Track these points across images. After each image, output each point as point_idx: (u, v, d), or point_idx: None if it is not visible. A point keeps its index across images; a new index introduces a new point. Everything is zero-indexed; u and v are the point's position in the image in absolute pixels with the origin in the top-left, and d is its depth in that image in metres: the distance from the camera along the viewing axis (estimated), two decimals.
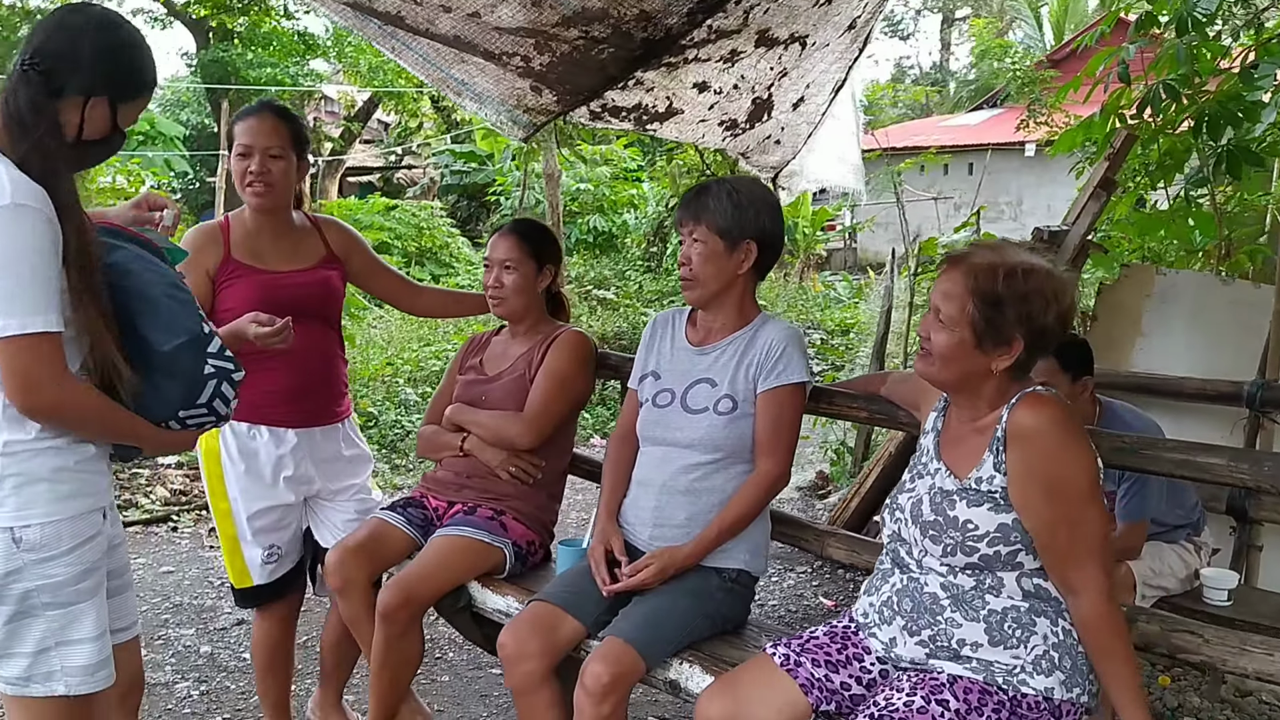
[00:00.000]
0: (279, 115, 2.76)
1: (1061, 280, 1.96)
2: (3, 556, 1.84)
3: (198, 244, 2.73)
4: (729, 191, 2.45)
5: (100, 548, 1.96)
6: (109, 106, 1.94)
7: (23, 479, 1.86)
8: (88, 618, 1.92)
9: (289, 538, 2.88)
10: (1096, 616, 1.89)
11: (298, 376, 2.76)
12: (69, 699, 1.92)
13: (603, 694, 2.17)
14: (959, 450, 2.06)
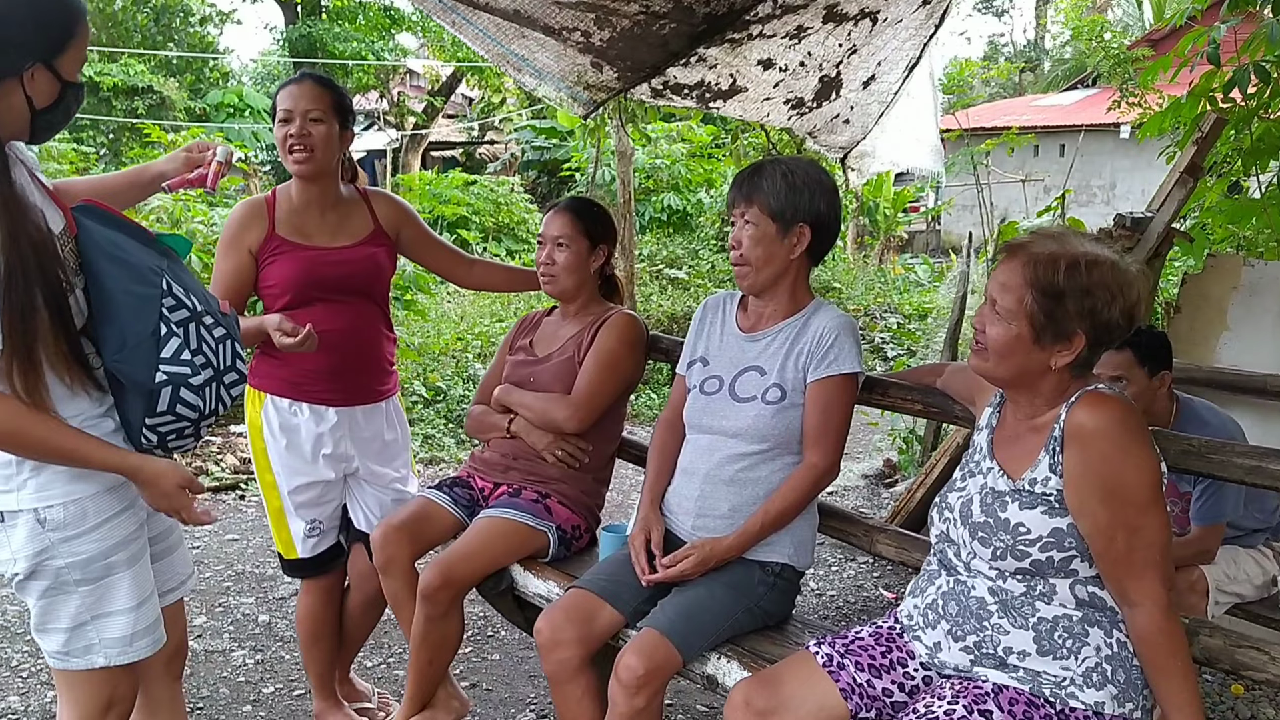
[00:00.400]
0: (319, 82, 2.72)
1: (1128, 273, 1.84)
2: (31, 538, 1.87)
3: (242, 220, 2.72)
4: (784, 172, 2.36)
5: (132, 520, 1.97)
6: (47, 69, 1.83)
7: (39, 462, 1.86)
8: (121, 589, 1.95)
9: (330, 513, 2.89)
10: (1154, 630, 1.78)
11: (339, 356, 2.74)
12: (110, 669, 1.95)
13: (637, 686, 2.12)
14: (1013, 449, 1.95)
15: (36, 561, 1.89)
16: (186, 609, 3.88)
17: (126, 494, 1.97)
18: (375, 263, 2.82)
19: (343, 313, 2.73)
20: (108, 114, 18.59)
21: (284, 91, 2.69)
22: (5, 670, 3.48)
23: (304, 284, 2.68)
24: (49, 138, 1.96)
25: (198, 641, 3.73)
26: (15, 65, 1.79)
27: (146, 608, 2.00)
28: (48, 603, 1.93)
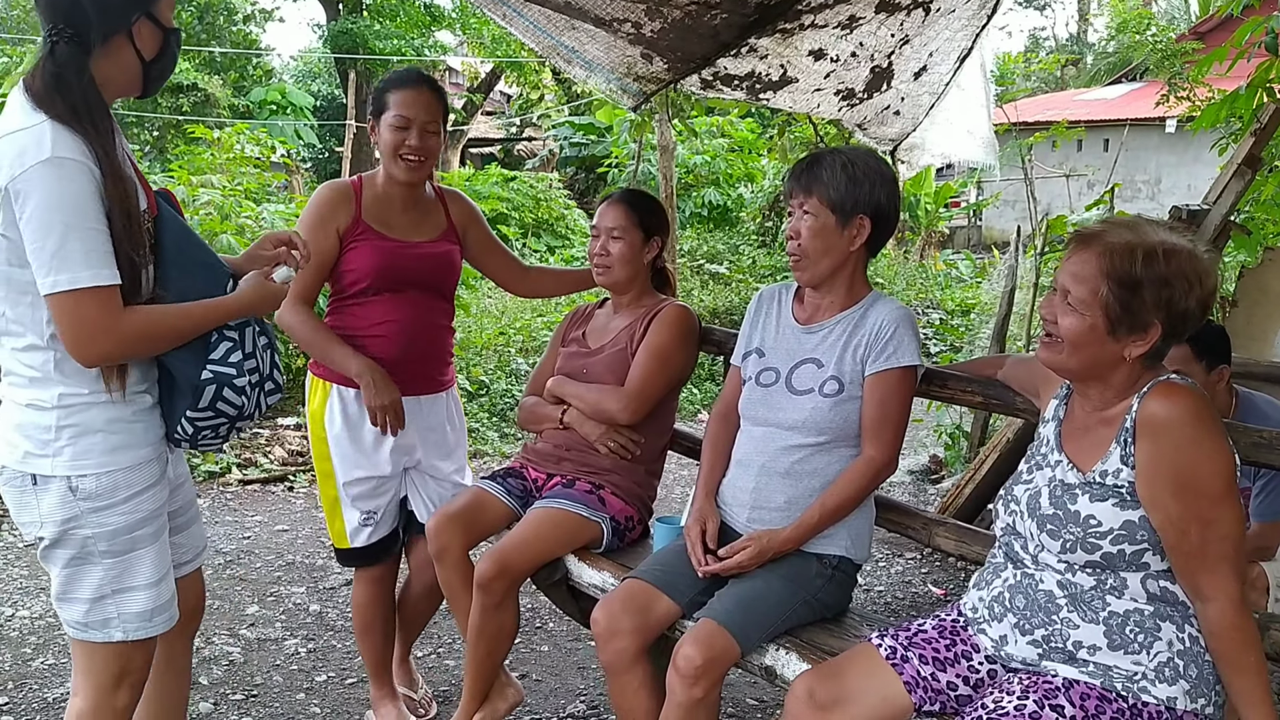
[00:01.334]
0: (434, 89, 2.76)
1: (1205, 261, 1.81)
2: (61, 504, 1.91)
3: (331, 202, 2.76)
4: (843, 163, 2.34)
5: (159, 496, 2.02)
6: (149, 19, 1.91)
7: (78, 430, 1.91)
8: (144, 564, 2.00)
9: (385, 504, 2.90)
10: (1227, 625, 1.75)
11: (405, 347, 2.78)
12: (126, 643, 2.01)
13: (695, 676, 2.11)
14: (1083, 442, 1.92)
15: (64, 529, 1.93)
16: (239, 598, 3.95)
17: (155, 471, 2.02)
18: (449, 260, 2.88)
19: (413, 304, 2.79)
20: (153, 111, 18.82)
21: (400, 96, 2.69)
22: (64, 657, 3.52)
23: (384, 274, 2.73)
24: (158, 89, 2.03)
25: (250, 630, 3.78)
26: (121, 22, 1.86)
27: (164, 585, 2.06)
28: (71, 572, 1.97)
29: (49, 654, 3.55)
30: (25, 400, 1.93)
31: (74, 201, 1.79)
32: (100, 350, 1.87)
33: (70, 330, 1.83)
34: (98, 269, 1.82)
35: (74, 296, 1.80)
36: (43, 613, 3.88)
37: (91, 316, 1.82)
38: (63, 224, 1.78)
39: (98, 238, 1.82)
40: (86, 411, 1.93)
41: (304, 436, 6.12)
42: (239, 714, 3.18)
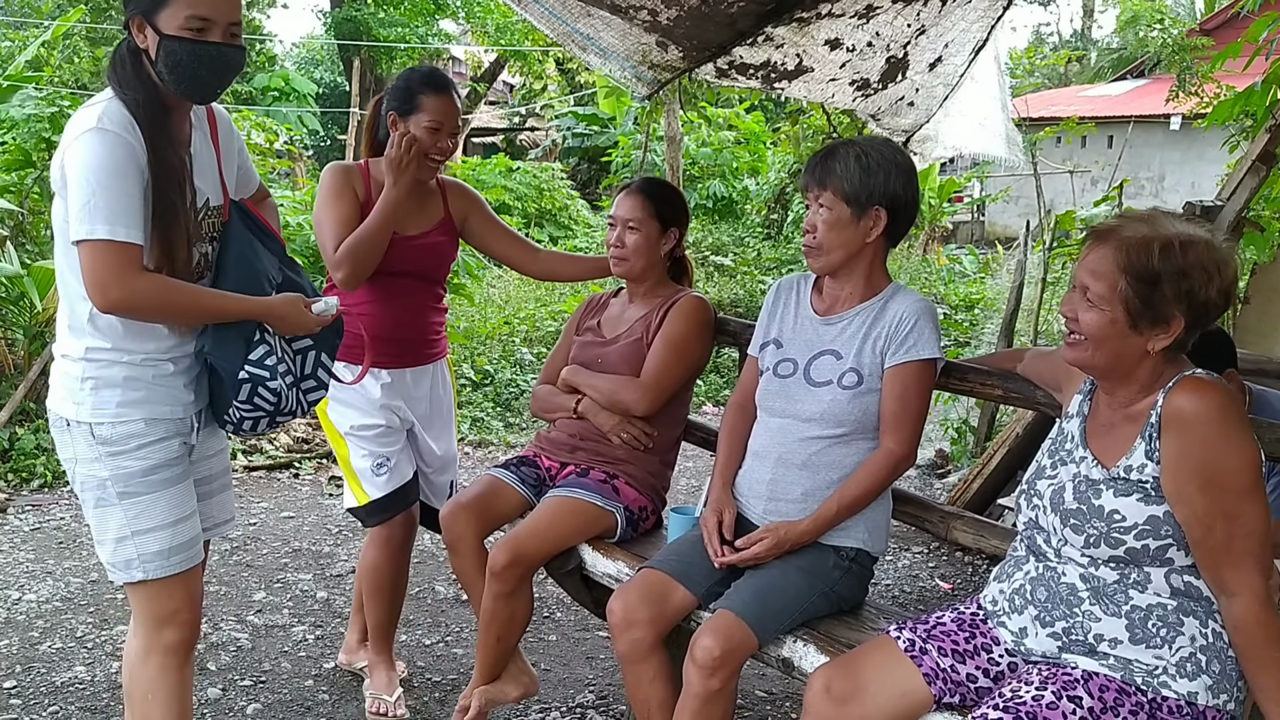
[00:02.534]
0: (458, 94, 2.86)
1: (1223, 251, 1.80)
2: (86, 446, 2.13)
3: (343, 176, 2.85)
4: (858, 154, 2.32)
5: (170, 449, 2.19)
6: (148, 23, 2.05)
7: (99, 382, 2.12)
8: (159, 506, 2.17)
9: (396, 450, 2.96)
10: (1252, 621, 1.74)
11: (393, 326, 2.90)
12: (160, 583, 2.19)
13: (713, 668, 2.11)
14: (1108, 438, 1.91)
15: (88, 470, 2.14)
16: (246, 585, 3.95)
17: (170, 428, 2.19)
18: (440, 252, 2.98)
19: (404, 290, 2.91)
20: None
21: (435, 101, 2.76)
22: (71, 641, 3.53)
23: (385, 262, 2.79)
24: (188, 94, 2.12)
25: (257, 616, 3.77)
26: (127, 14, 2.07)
27: (183, 526, 2.21)
28: (98, 514, 2.18)
29: (56, 638, 3.54)
30: (62, 351, 2.17)
31: (110, 165, 1.97)
32: (111, 299, 2.01)
33: (87, 276, 2.00)
34: (116, 226, 1.98)
35: (93, 246, 1.97)
36: (49, 597, 3.87)
37: (107, 266, 1.98)
38: (96, 182, 1.96)
39: (125, 200, 1.99)
40: (110, 368, 2.12)
41: (309, 423, 6.11)
42: (247, 699, 3.18)
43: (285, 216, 6.69)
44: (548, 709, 3.18)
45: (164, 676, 2.25)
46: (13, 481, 5.08)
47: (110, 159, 1.97)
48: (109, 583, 4.01)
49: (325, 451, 5.84)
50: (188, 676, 2.32)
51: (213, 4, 2.05)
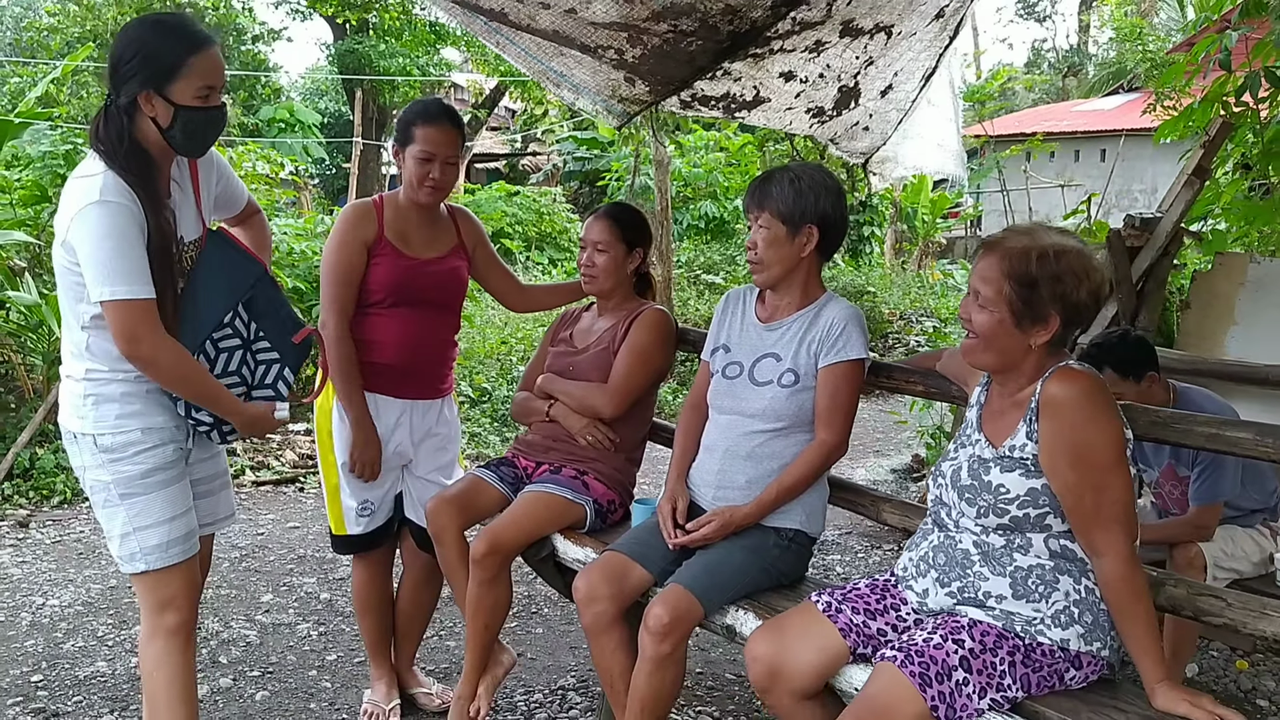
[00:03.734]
0: (455, 124, 3.00)
1: (1091, 259, 2.08)
2: (91, 454, 2.39)
3: (354, 220, 3.02)
4: (791, 179, 2.61)
5: (165, 454, 2.43)
6: (159, 96, 2.28)
7: (99, 398, 2.37)
8: (157, 505, 2.42)
9: (382, 495, 3.14)
10: (1118, 578, 2.01)
11: (410, 356, 3.05)
12: (160, 573, 2.45)
13: (664, 633, 2.38)
14: (999, 423, 2.19)
15: (94, 475, 2.40)
16: (254, 588, 4.22)
17: (164, 435, 2.43)
18: (457, 276, 3.14)
19: (422, 318, 3.06)
20: None
21: (426, 131, 2.93)
22: (93, 640, 3.81)
23: (400, 289, 3.00)
24: (195, 151, 2.45)
25: (266, 615, 4.05)
26: (134, 91, 2.27)
27: (178, 523, 2.46)
28: (105, 513, 2.43)
29: (78, 638, 3.82)
30: (67, 372, 2.43)
31: (116, 233, 2.23)
32: (139, 352, 2.29)
33: (116, 329, 2.27)
34: (134, 285, 2.25)
35: (116, 305, 2.25)
36: (71, 602, 4.16)
37: (133, 320, 2.26)
38: (108, 250, 2.23)
39: (135, 261, 2.26)
40: (107, 385, 2.38)
41: (313, 441, 6.40)
42: (256, 688, 3.46)
43: (289, 243, 6.98)
44: (531, 691, 3.46)
45: (167, 655, 2.51)
46: (34, 499, 5.39)
47: (115, 228, 2.21)
48: (127, 588, 4.30)
49: None
50: (190, 656, 2.56)
51: (217, 72, 2.33)
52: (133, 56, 2.27)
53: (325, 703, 3.38)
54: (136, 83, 2.27)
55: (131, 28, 2.33)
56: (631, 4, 3.19)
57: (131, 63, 2.26)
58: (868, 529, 5.40)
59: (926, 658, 1.98)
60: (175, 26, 2.33)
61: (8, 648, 3.72)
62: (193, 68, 2.28)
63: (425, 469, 3.18)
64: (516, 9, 3.28)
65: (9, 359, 5.83)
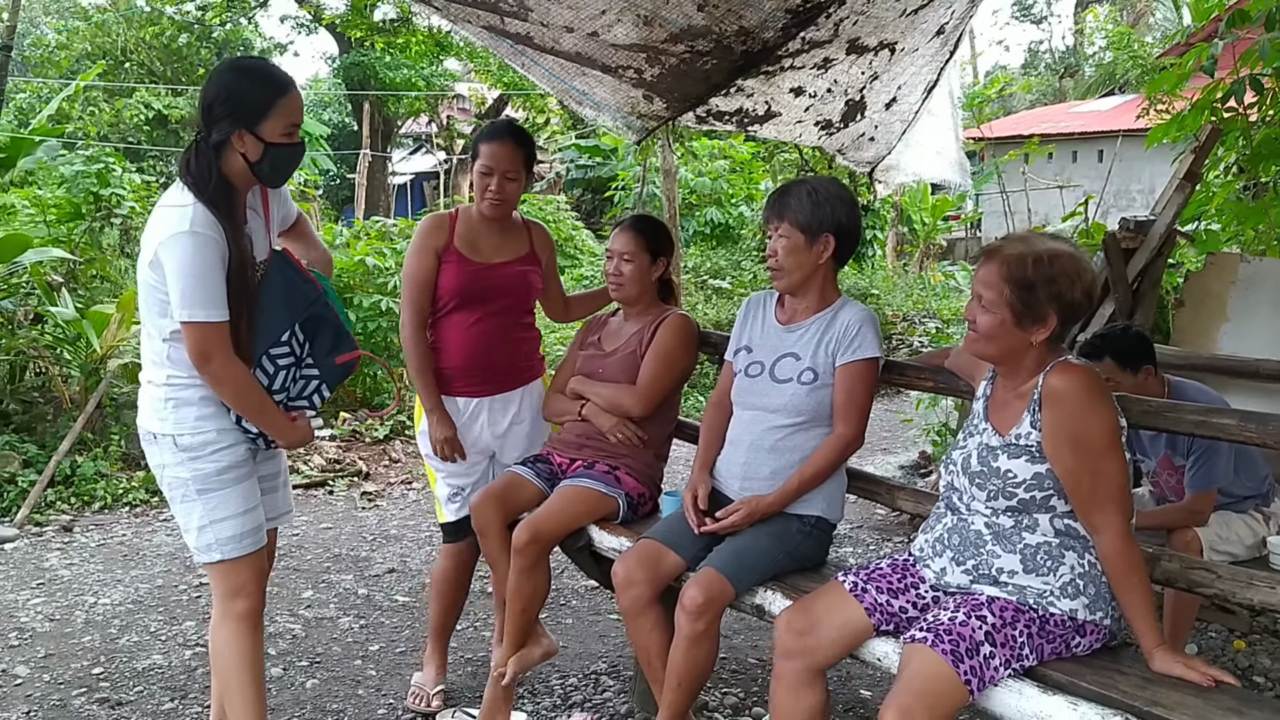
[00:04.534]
0: (517, 141, 3.27)
1: (1083, 261, 2.29)
2: (170, 453, 2.60)
3: (428, 230, 3.33)
4: (809, 191, 2.82)
5: (238, 453, 2.65)
6: (250, 134, 2.52)
7: (178, 402, 2.59)
8: (231, 500, 2.64)
9: (472, 481, 3.42)
10: (1115, 553, 2.22)
11: (481, 354, 3.33)
12: (231, 562, 2.66)
13: (699, 612, 2.59)
14: (1004, 413, 2.40)
15: (173, 473, 2.61)
16: (295, 585, 4.43)
17: (236, 435, 2.65)
18: (526, 280, 3.39)
19: (488, 319, 3.32)
20: (175, 145, 19.45)
21: (487, 146, 3.22)
22: (146, 635, 4.02)
23: (464, 292, 3.28)
24: (277, 183, 2.70)
25: (308, 610, 4.26)
26: (228, 130, 2.51)
27: (250, 516, 2.67)
28: (183, 508, 2.64)
29: (132, 633, 4.03)
30: (148, 379, 2.65)
31: (201, 262, 2.46)
32: (210, 369, 2.53)
33: (191, 347, 2.51)
34: (211, 310, 2.49)
35: (193, 326, 2.48)
36: (122, 600, 4.37)
37: (207, 341, 2.50)
38: (192, 277, 2.46)
39: (215, 289, 2.50)
40: (186, 390, 2.59)
41: (339, 447, 6.63)
42: (305, 676, 3.66)
43: None
44: (566, 676, 3.66)
45: (237, 640, 2.72)
46: (75, 504, 5.61)
47: (201, 257, 2.45)
48: (174, 586, 4.51)
49: (355, 471, 6.35)
50: (259, 639, 2.78)
51: (299, 111, 2.58)
52: (226, 99, 2.51)
53: (372, 689, 3.58)
54: (229, 122, 2.50)
55: (223, 74, 2.57)
56: (651, 27, 3.41)
57: (225, 104, 2.50)
58: (878, 522, 5.61)
59: (955, 635, 2.16)
60: (262, 71, 2.59)
61: (67, 644, 3.93)
62: (280, 108, 2.53)
63: (511, 458, 3.42)
64: (542, 33, 3.49)
65: (47, 370, 6.05)
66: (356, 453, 6.69)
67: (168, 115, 19.63)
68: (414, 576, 4.71)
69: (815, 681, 2.39)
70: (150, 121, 19.74)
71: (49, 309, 5.84)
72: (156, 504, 5.73)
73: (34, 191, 7.72)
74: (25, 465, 5.67)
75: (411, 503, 6.00)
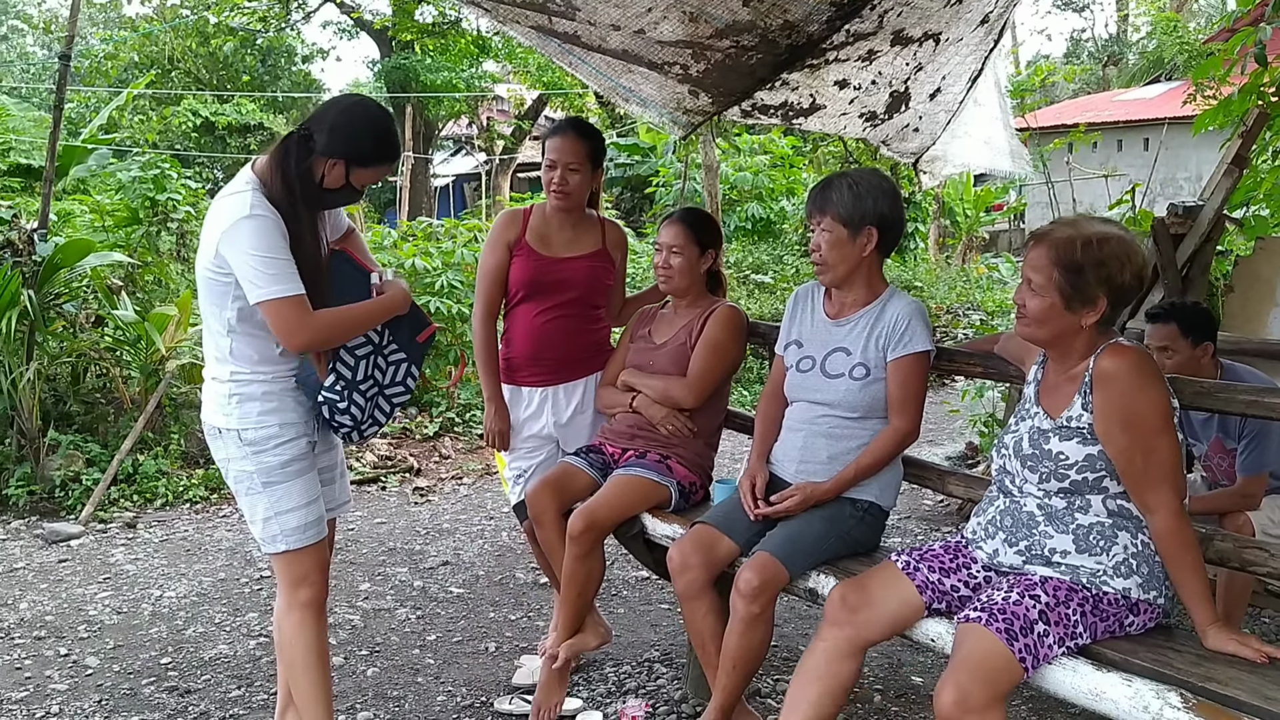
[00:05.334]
0: (580, 134, 3.40)
1: (1133, 244, 2.30)
2: (235, 447, 2.68)
3: (503, 225, 3.47)
4: (850, 184, 2.86)
5: (300, 446, 2.73)
6: (344, 167, 2.65)
7: (242, 397, 2.66)
8: (295, 492, 2.72)
9: (537, 463, 3.51)
10: (1169, 531, 2.24)
11: (541, 347, 3.44)
12: (293, 552, 2.74)
13: (754, 595, 2.64)
14: (1055, 396, 2.42)
15: (239, 466, 2.69)
16: (352, 578, 4.52)
17: (298, 429, 2.73)
18: (594, 274, 3.48)
19: (554, 311, 3.42)
20: (223, 151, 19.80)
21: (552, 140, 3.37)
22: (211, 626, 4.13)
23: (532, 284, 3.40)
24: (330, 205, 2.82)
25: (366, 602, 4.36)
26: (329, 150, 2.63)
27: (312, 507, 2.76)
28: (249, 501, 2.72)
29: (198, 624, 4.15)
30: (212, 375, 2.73)
31: (266, 242, 2.54)
32: (302, 339, 2.61)
33: (278, 326, 2.58)
34: (285, 284, 2.56)
35: (274, 303, 2.54)
36: (186, 593, 4.49)
37: (289, 315, 2.57)
38: (260, 257, 2.54)
39: (284, 264, 2.57)
40: (249, 385, 2.67)
41: (390, 443, 6.75)
42: (366, 665, 3.76)
43: None
44: (620, 664, 3.72)
45: (303, 627, 2.81)
46: (138, 502, 5.76)
47: (266, 238, 2.53)
48: (236, 579, 4.63)
49: (407, 467, 6.46)
50: (322, 627, 2.87)
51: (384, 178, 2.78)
52: (352, 132, 2.63)
53: (431, 677, 3.66)
54: (339, 148, 2.62)
55: (365, 111, 2.68)
56: (696, 23, 3.45)
57: (346, 136, 2.62)
58: (926, 512, 5.62)
59: (1009, 614, 2.19)
60: (391, 133, 2.71)
61: (135, 635, 4.05)
62: (379, 170, 2.72)
63: (574, 447, 3.50)
64: (589, 31, 3.55)
65: (108, 372, 6.21)
66: (407, 449, 6.80)
67: (215, 122, 19.98)
68: (468, 569, 4.80)
69: (854, 655, 2.43)
70: (198, 129, 20.12)
71: (110, 312, 5.99)
72: (216, 501, 5.88)
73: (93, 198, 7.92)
74: (89, 464, 5.83)
75: (462, 498, 6.10)
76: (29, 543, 5.21)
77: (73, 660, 3.82)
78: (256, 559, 4.91)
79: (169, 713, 3.41)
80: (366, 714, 3.40)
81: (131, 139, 15.16)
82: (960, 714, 2.10)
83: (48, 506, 5.66)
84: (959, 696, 2.12)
